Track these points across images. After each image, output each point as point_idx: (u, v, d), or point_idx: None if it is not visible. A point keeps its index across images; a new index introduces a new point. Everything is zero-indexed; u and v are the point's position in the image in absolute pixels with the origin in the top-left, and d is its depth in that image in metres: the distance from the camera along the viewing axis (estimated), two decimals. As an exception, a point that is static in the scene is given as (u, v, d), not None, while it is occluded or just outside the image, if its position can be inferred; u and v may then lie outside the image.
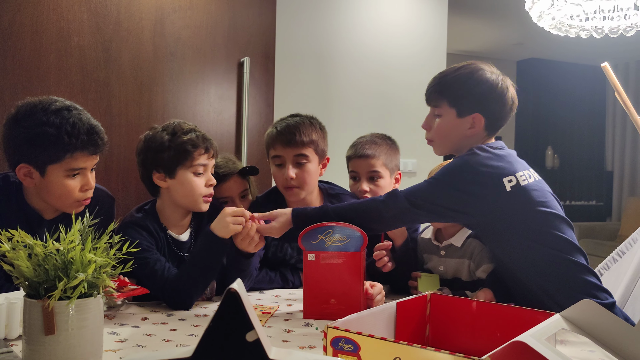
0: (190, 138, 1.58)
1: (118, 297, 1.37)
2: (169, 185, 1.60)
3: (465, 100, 1.54)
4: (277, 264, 1.83)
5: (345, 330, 0.93)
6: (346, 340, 0.93)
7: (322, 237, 1.43)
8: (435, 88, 1.57)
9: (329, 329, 0.95)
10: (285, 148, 1.74)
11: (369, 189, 1.88)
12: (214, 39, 2.79)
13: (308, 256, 1.43)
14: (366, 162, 1.90)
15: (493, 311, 1.15)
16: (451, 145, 1.60)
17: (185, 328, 1.33)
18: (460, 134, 1.56)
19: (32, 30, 2.30)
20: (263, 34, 2.93)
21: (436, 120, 1.58)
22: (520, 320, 1.10)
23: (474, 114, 1.54)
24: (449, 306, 1.19)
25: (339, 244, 1.42)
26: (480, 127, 1.55)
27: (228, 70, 2.85)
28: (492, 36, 5.41)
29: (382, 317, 1.10)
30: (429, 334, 1.20)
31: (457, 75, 1.55)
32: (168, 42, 2.66)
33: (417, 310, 1.18)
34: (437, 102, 1.57)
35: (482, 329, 1.16)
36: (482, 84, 1.53)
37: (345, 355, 0.93)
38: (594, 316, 1.05)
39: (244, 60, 2.83)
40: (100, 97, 2.44)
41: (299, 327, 1.35)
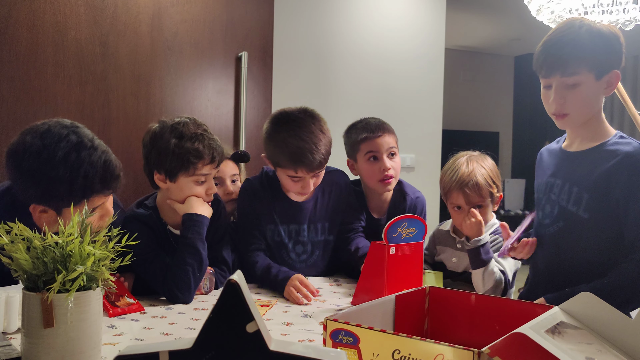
0: (196, 148, 1.53)
1: (111, 315, 1.35)
2: (169, 187, 1.58)
3: (604, 58, 1.37)
4: (274, 247, 1.83)
5: (344, 323, 0.93)
6: (345, 333, 0.93)
7: (400, 230, 1.46)
8: (567, 54, 1.37)
9: (328, 322, 0.95)
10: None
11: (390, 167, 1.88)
12: (211, 33, 2.78)
13: (390, 250, 1.45)
14: (385, 140, 1.89)
15: (491, 304, 1.15)
16: (589, 114, 1.41)
17: (184, 321, 1.33)
18: (597, 99, 1.40)
19: (28, 23, 2.29)
20: (261, 29, 2.92)
21: (571, 91, 1.38)
22: (519, 313, 1.10)
23: (612, 71, 1.38)
24: (447, 299, 1.19)
25: (410, 236, 1.48)
26: (617, 83, 1.40)
27: (226, 64, 2.84)
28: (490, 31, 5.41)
29: (381, 310, 1.10)
30: (427, 327, 1.20)
31: (587, 32, 1.37)
32: (166, 36, 2.65)
33: (416, 304, 1.18)
34: (574, 69, 1.36)
35: (480, 322, 1.16)
36: (610, 36, 1.38)
37: (344, 347, 0.93)
38: (593, 309, 1.06)
39: (242, 54, 2.82)
40: (98, 91, 2.43)
41: (299, 320, 1.35)
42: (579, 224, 1.39)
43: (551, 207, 1.45)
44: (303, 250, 1.84)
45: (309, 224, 1.84)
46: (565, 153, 1.48)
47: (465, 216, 1.67)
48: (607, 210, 1.36)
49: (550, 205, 1.45)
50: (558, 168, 1.47)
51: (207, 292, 1.59)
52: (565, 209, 1.41)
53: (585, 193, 1.38)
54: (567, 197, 1.41)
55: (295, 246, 1.83)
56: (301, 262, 1.84)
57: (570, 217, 1.40)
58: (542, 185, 1.51)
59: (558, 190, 1.44)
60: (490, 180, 1.70)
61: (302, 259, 1.84)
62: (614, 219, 1.35)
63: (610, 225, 1.36)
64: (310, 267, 1.85)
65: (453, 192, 1.71)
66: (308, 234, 1.84)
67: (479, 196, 1.68)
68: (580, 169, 1.41)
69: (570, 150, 1.47)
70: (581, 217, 1.38)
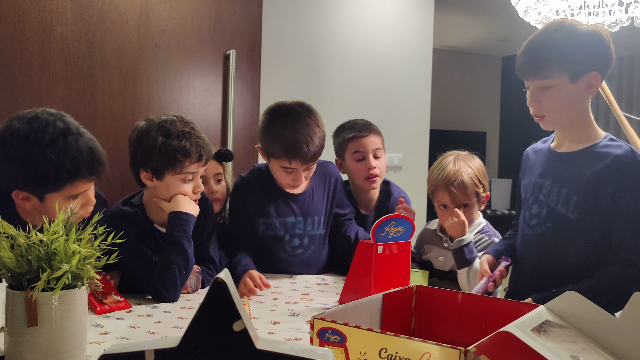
0: (184, 146, 1.53)
1: (98, 313, 1.34)
2: (156, 185, 1.57)
3: (578, 60, 1.37)
4: (268, 242, 1.84)
5: (332, 322, 0.93)
6: (333, 332, 0.93)
7: (388, 229, 1.46)
8: (539, 57, 1.39)
9: (315, 320, 0.95)
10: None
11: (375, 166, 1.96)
12: (199, 31, 2.77)
13: (377, 249, 1.45)
14: (371, 140, 1.98)
15: (478, 303, 1.16)
16: (567, 116, 1.43)
17: (171, 320, 1.32)
18: (577, 101, 1.40)
19: (14, 19, 2.26)
20: (249, 27, 2.91)
21: (545, 93, 1.40)
22: (505, 312, 1.11)
23: (589, 72, 1.38)
24: (434, 298, 1.20)
25: (397, 235, 1.48)
26: (597, 85, 1.39)
27: (214, 62, 2.83)
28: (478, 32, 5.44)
29: (368, 309, 1.11)
30: (414, 326, 1.21)
31: (560, 36, 1.38)
32: (153, 33, 2.63)
33: (403, 302, 1.19)
34: (546, 73, 1.38)
35: (467, 320, 1.16)
36: (589, 37, 1.37)
37: (331, 346, 0.93)
38: (578, 308, 1.07)
39: (230, 52, 2.81)
40: (84, 88, 2.41)
41: (286, 319, 1.35)
42: (567, 225, 1.40)
43: (539, 208, 1.46)
44: (299, 244, 1.85)
45: (305, 217, 1.86)
46: (554, 154, 1.49)
47: (450, 215, 1.68)
48: (595, 213, 1.37)
49: (539, 206, 1.46)
50: (547, 169, 1.48)
51: (193, 291, 1.58)
52: (554, 209, 1.42)
53: (574, 194, 1.39)
54: (556, 198, 1.42)
55: (291, 239, 1.84)
56: (296, 257, 1.85)
57: (558, 218, 1.41)
58: (530, 185, 1.51)
59: (547, 191, 1.45)
60: (476, 179, 1.71)
61: (298, 252, 1.85)
62: (602, 221, 1.36)
63: (598, 228, 1.37)
64: (305, 262, 1.86)
65: (439, 191, 1.72)
66: (304, 226, 1.86)
67: (464, 195, 1.69)
68: (569, 170, 1.42)
69: (559, 151, 1.48)
70: (569, 219, 1.39)
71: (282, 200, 1.85)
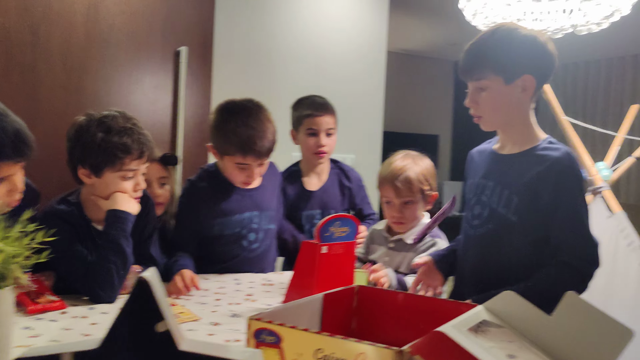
0: (124, 142, 1.48)
1: (30, 312, 1.28)
2: (94, 182, 1.52)
3: (512, 63, 1.39)
4: (225, 241, 1.85)
5: (268, 322, 0.91)
6: (269, 332, 0.92)
7: (332, 229, 1.45)
8: (474, 60, 1.43)
9: (251, 321, 0.93)
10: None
11: (325, 144, 2.09)
12: (150, 26, 2.71)
13: (322, 249, 1.43)
14: (325, 120, 2.09)
15: (418, 303, 1.16)
16: (503, 117, 1.46)
17: (107, 322, 1.27)
18: (512, 102, 1.43)
19: (-50, 8, 2.17)
20: (201, 24, 2.87)
21: (481, 94, 1.44)
22: (445, 312, 1.11)
23: (523, 76, 1.40)
24: (375, 298, 1.19)
25: (342, 235, 1.47)
26: (531, 88, 1.42)
27: (164, 59, 2.78)
28: (431, 36, 5.50)
29: (308, 309, 1.09)
30: (355, 326, 1.20)
31: (496, 39, 1.41)
32: (102, 27, 2.56)
33: (344, 302, 1.18)
34: (480, 74, 1.42)
35: (407, 320, 1.16)
36: (524, 41, 1.40)
37: (267, 347, 0.91)
38: (515, 307, 1.08)
39: (181, 49, 2.77)
40: (24, 82, 2.32)
41: (227, 319, 1.33)
42: (507, 226, 1.42)
43: (481, 209, 1.47)
44: (255, 239, 1.86)
45: (261, 211, 1.88)
46: (497, 155, 1.51)
47: (394, 212, 1.70)
48: (535, 214, 1.39)
49: (481, 207, 1.48)
50: (489, 170, 1.50)
51: (134, 292, 1.54)
52: (495, 211, 1.44)
53: (515, 196, 1.41)
54: (497, 199, 1.44)
55: (248, 234, 1.85)
56: (252, 252, 1.86)
57: (499, 220, 1.43)
58: (473, 186, 1.53)
59: (489, 192, 1.47)
60: (422, 177, 1.73)
61: (254, 247, 1.86)
62: (541, 223, 1.39)
63: (537, 229, 1.39)
64: (260, 257, 1.88)
65: (384, 185, 1.76)
66: (260, 220, 1.88)
67: (408, 191, 1.71)
68: (511, 172, 1.44)
69: (502, 153, 1.50)
70: (510, 220, 1.41)
71: (237, 197, 1.86)
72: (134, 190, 1.54)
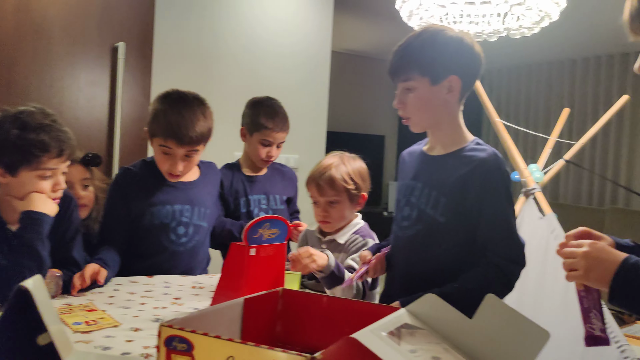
0: (41, 140, 1.41)
1: None
2: (9, 182, 1.45)
3: (437, 64, 1.40)
4: (154, 231, 1.83)
5: (179, 329, 0.88)
6: (180, 339, 0.88)
7: (261, 231, 1.42)
8: (401, 61, 1.43)
9: (162, 328, 0.89)
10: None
11: (275, 155, 2.20)
12: (85, 20, 2.62)
13: (250, 251, 1.39)
14: (280, 135, 2.18)
15: (343, 307, 1.15)
16: (431, 118, 1.46)
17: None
18: (439, 103, 1.43)
19: None
20: (140, 19, 2.80)
21: (409, 95, 1.44)
22: (369, 315, 1.10)
23: (449, 76, 1.41)
24: (300, 302, 1.17)
25: (272, 237, 1.44)
26: (458, 89, 1.43)
27: (101, 54, 2.69)
28: (376, 36, 5.52)
29: (228, 315, 1.06)
30: (279, 330, 1.18)
31: (422, 40, 1.42)
32: (33, 18, 2.46)
33: (267, 306, 1.15)
34: (407, 75, 1.42)
35: (332, 324, 1.15)
36: (449, 42, 1.41)
37: (178, 355, 0.88)
38: (436, 310, 1.08)
39: (119, 45, 2.69)
40: (-55, 75, 2.21)
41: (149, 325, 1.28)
42: (435, 227, 1.42)
43: (410, 210, 1.47)
44: (184, 232, 1.84)
45: (193, 205, 1.87)
46: (426, 156, 1.52)
47: (320, 211, 1.69)
48: (462, 215, 1.40)
49: (410, 208, 1.47)
50: (419, 171, 1.50)
51: (53, 297, 1.47)
52: (424, 212, 1.44)
53: (443, 197, 1.41)
54: (426, 200, 1.44)
55: (177, 227, 1.84)
56: (181, 245, 1.84)
57: (428, 221, 1.43)
58: (403, 187, 1.53)
59: (418, 193, 1.47)
60: (348, 177, 1.72)
61: (182, 241, 1.84)
62: (468, 224, 1.40)
63: (465, 230, 1.40)
64: (189, 252, 1.86)
65: (310, 184, 1.76)
66: (191, 215, 1.86)
67: (331, 190, 1.70)
68: (438, 173, 1.45)
69: (431, 154, 1.51)
70: (438, 221, 1.41)
71: (169, 188, 1.86)
72: (52, 191, 1.47)
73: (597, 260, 1.03)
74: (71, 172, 1.75)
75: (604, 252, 1.03)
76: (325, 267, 1.55)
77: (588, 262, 1.03)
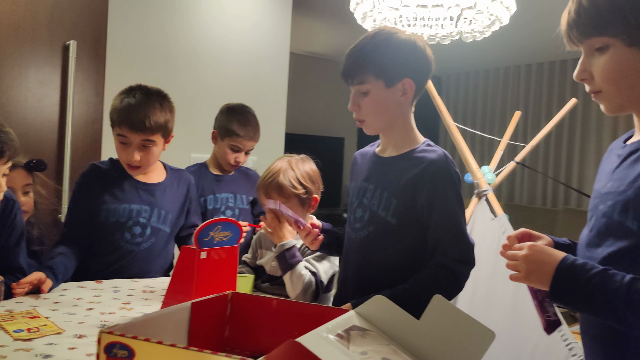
0: None
1: None
2: None
3: (392, 67, 1.41)
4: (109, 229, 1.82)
5: (120, 335, 0.86)
6: (121, 346, 0.86)
7: (213, 234, 1.41)
8: (355, 64, 1.43)
9: (102, 334, 0.87)
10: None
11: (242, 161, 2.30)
12: (34, 16, 2.54)
13: (200, 254, 1.38)
14: (250, 144, 2.27)
15: (292, 309, 1.14)
16: (385, 120, 1.47)
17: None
18: (393, 106, 1.44)
19: None
20: (93, 17, 2.73)
21: (363, 98, 1.44)
22: (319, 318, 1.09)
23: (403, 79, 1.42)
24: (250, 305, 1.16)
25: (224, 239, 1.43)
26: (411, 92, 1.44)
27: (51, 53, 2.62)
28: (335, 39, 5.54)
29: (174, 319, 1.04)
30: (228, 335, 1.16)
31: (375, 43, 1.42)
32: (-22, 15, 2.38)
33: (215, 310, 1.14)
34: (362, 78, 1.43)
35: (282, 328, 1.14)
36: (402, 45, 1.41)
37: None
38: (384, 311, 1.08)
39: (70, 43, 2.62)
40: None
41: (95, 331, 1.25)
42: (387, 229, 1.42)
43: (363, 212, 1.47)
44: (140, 233, 1.83)
45: (152, 207, 1.86)
46: (378, 158, 1.52)
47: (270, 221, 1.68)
48: (413, 217, 1.41)
49: (362, 210, 1.48)
50: (371, 172, 1.51)
51: (-7, 305, 1.42)
52: (375, 213, 1.44)
53: (394, 199, 1.42)
54: (377, 202, 1.45)
55: (133, 226, 1.82)
56: (135, 245, 1.82)
57: (379, 222, 1.44)
58: (355, 189, 1.53)
59: (370, 195, 1.47)
60: (296, 181, 1.72)
61: (137, 241, 1.83)
62: (419, 225, 1.40)
63: (415, 231, 1.41)
64: (144, 254, 1.83)
65: (259, 192, 1.75)
66: (150, 216, 1.85)
67: (280, 196, 1.70)
68: (390, 174, 1.45)
69: (383, 156, 1.51)
70: (390, 222, 1.42)
71: (130, 187, 1.87)
72: None
73: (537, 262, 1.06)
74: (14, 177, 1.70)
75: (542, 253, 1.06)
76: (278, 246, 1.62)
77: (528, 265, 1.06)
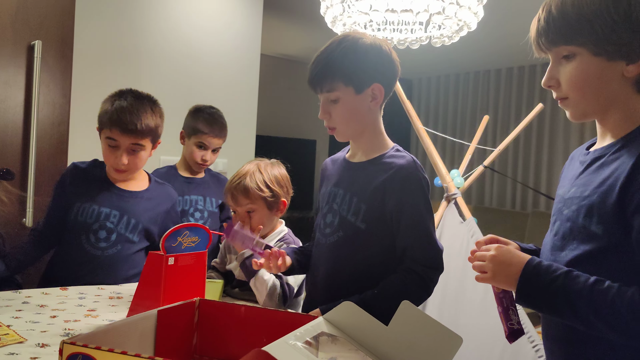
0: None
1: None
2: None
3: (361, 72, 1.40)
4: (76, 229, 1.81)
5: (82, 345, 0.84)
6: (84, 357, 0.84)
7: (180, 239, 1.39)
8: (324, 72, 1.41)
9: (64, 345, 0.85)
10: None
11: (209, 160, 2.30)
12: (-3, 16, 2.48)
13: (168, 260, 1.35)
14: (216, 141, 2.29)
15: (260, 316, 1.13)
16: (357, 127, 1.46)
17: None
18: (364, 112, 1.44)
19: None
20: (59, 17, 2.67)
21: (334, 105, 1.43)
22: (288, 324, 1.09)
23: (372, 84, 1.41)
24: (218, 312, 1.15)
25: (192, 245, 1.42)
26: (381, 96, 1.43)
27: (15, 53, 2.55)
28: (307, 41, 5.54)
29: (140, 328, 1.02)
30: (196, 342, 1.15)
31: (342, 49, 1.40)
32: (-62, 13, 2.31)
33: (183, 318, 1.12)
34: (331, 86, 1.41)
35: (250, 334, 1.13)
36: (370, 50, 1.41)
37: (82, 373, 0.84)
38: (353, 317, 1.08)
39: (35, 43, 2.56)
40: None
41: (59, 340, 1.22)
42: (357, 234, 1.42)
43: (333, 217, 1.47)
44: (105, 237, 1.80)
45: (122, 213, 1.83)
46: (348, 163, 1.52)
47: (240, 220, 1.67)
48: (382, 222, 1.41)
49: (332, 215, 1.48)
50: (341, 178, 1.51)
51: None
52: (345, 219, 1.44)
53: (363, 204, 1.42)
54: (347, 207, 1.45)
55: (99, 230, 1.79)
56: (99, 250, 1.79)
57: (349, 227, 1.44)
58: (325, 194, 1.53)
59: (340, 200, 1.47)
60: (263, 184, 1.71)
61: (101, 246, 1.79)
62: (388, 230, 1.41)
63: (384, 236, 1.41)
64: (108, 260, 1.79)
65: (226, 195, 1.75)
66: (118, 222, 1.82)
67: (246, 199, 1.69)
68: (359, 179, 1.45)
69: (352, 161, 1.52)
70: (359, 228, 1.42)
71: (105, 191, 1.86)
72: None
73: (503, 263, 1.07)
74: None
75: (509, 254, 1.08)
76: (239, 255, 1.63)
77: (495, 266, 1.08)
